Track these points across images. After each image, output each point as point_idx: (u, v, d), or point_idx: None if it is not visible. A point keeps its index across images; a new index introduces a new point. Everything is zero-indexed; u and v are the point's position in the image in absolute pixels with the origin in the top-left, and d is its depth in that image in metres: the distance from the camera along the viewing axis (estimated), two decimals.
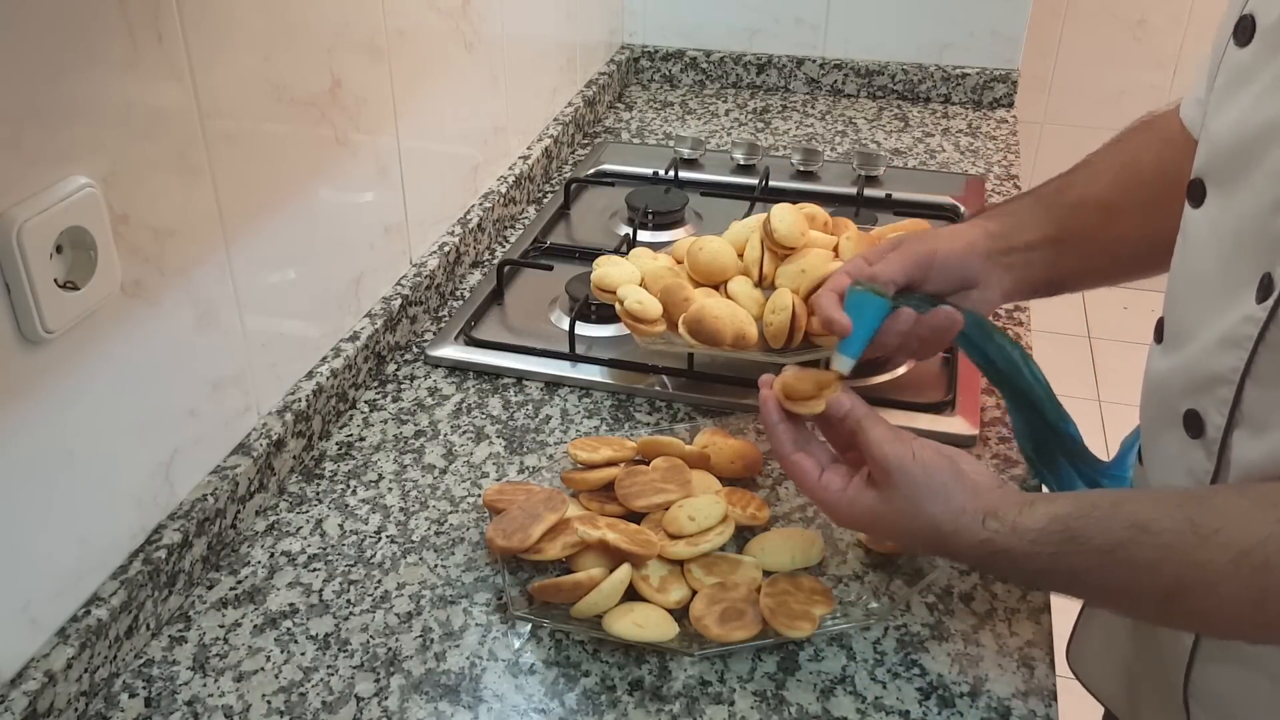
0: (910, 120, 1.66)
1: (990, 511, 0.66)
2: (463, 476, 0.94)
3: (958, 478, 0.69)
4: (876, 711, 0.73)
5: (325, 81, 0.94)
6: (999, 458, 0.96)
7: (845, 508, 0.73)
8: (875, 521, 0.72)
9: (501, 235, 1.33)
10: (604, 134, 1.63)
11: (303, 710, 0.73)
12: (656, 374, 1.05)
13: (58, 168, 0.66)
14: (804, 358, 0.97)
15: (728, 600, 0.77)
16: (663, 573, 0.80)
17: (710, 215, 1.34)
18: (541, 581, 0.78)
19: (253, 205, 0.87)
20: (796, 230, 1.00)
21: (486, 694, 0.74)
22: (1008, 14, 1.66)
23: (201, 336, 0.83)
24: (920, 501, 0.69)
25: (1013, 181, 1.47)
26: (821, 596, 0.78)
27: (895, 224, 1.08)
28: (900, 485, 0.69)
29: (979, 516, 0.67)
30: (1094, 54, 2.87)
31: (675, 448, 0.89)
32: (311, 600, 0.82)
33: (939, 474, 0.69)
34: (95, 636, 0.73)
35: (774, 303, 0.97)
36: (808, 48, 1.75)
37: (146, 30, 0.72)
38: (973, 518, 0.67)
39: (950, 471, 0.69)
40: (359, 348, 1.03)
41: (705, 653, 0.76)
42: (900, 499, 0.69)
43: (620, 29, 1.79)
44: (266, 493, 0.91)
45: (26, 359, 0.66)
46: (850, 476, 0.73)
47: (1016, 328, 1.14)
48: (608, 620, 0.75)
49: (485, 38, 1.25)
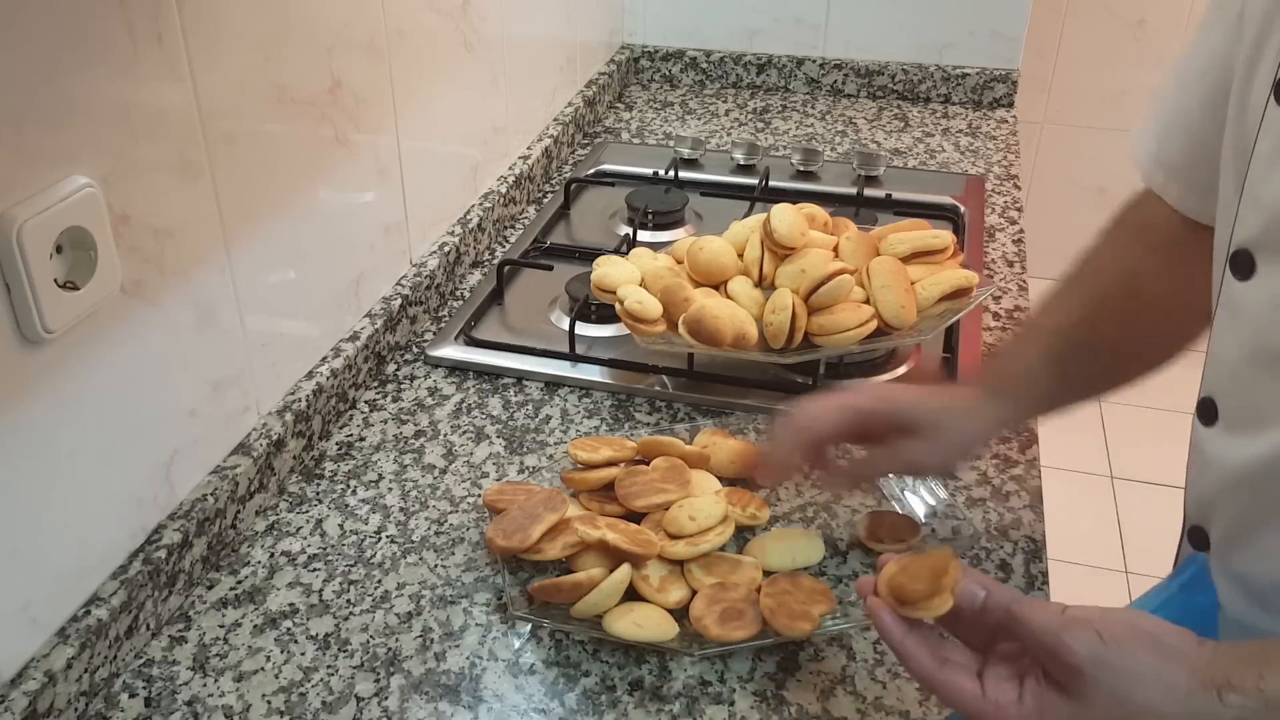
0: (910, 120, 1.66)
1: (1223, 684, 0.55)
2: (463, 476, 0.94)
3: (1160, 651, 0.57)
4: (876, 711, 0.73)
5: (325, 81, 0.94)
6: (999, 458, 0.96)
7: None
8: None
9: (501, 235, 1.33)
10: (604, 134, 1.63)
11: (303, 710, 0.73)
12: (656, 374, 1.05)
13: (58, 168, 0.66)
14: (804, 358, 0.98)
15: (728, 600, 0.77)
16: (663, 573, 0.80)
17: (710, 215, 1.34)
18: (541, 581, 0.78)
19: (253, 205, 0.87)
20: (796, 230, 1.00)
21: (486, 694, 0.74)
22: (1008, 14, 1.66)
23: (201, 336, 0.83)
24: (1130, 694, 0.56)
25: (1012, 181, 1.47)
26: (822, 596, 0.78)
27: (895, 224, 1.08)
28: (1097, 679, 0.57)
29: (1212, 693, 0.55)
30: (1094, 54, 2.87)
31: (675, 448, 0.89)
32: (311, 600, 0.82)
33: (1140, 653, 0.57)
34: (95, 636, 0.73)
35: (774, 303, 0.97)
36: (808, 48, 1.75)
37: (146, 30, 0.72)
38: (1205, 698, 0.55)
39: (1151, 646, 0.57)
40: (359, 348, 1.03)
41: (705, 653, 0.76)
42: (1103, 698, 0.57)
43: (620, 29, 1.79)
44: (266, 493, 0.91)
45: (26, 359, 0.66)
46: (1018, 680, 0.60)
47: (1016, 328, 1.14)
48: (608, 620, 0.75)
49: (485, 38, 1.25)
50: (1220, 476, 0.70)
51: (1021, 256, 1.28)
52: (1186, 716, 0.56)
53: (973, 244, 1.29)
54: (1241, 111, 0.66)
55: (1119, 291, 0.81)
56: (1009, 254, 1.29)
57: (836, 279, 0.96)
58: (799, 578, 0.80)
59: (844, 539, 0.87)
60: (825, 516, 0.89)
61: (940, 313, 1.00)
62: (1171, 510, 0.80)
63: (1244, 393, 0.67)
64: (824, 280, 0.96)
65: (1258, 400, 0.66)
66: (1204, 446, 0.71)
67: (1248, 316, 0.66)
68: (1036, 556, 0.86)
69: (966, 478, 0.94)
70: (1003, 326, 1.14)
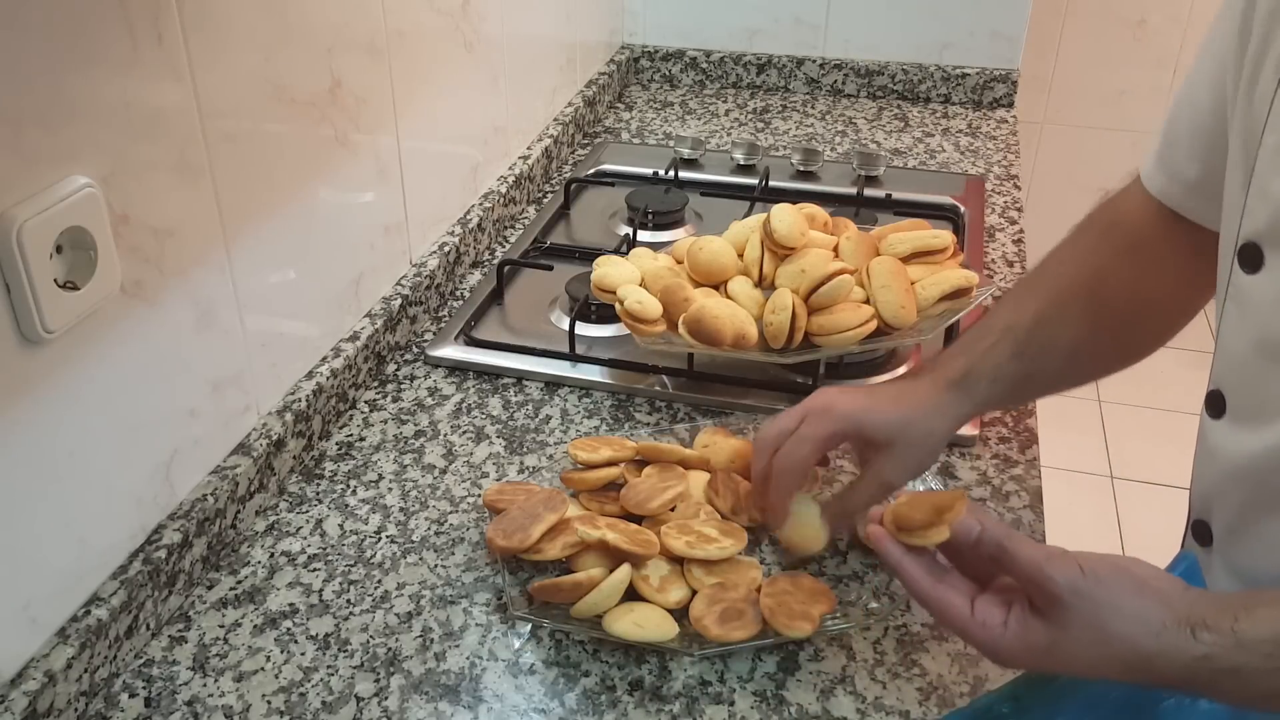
0: (910, 120, 1.66)
1: (1198, 622, 0.57)
2: (463, 476, 0.94)
3: (1140, 590, 0.60)
4: (876, 711, 0.73)
5: (325, 81, 0.94)
6: (999, 458, 0.96)
7: (1011, 644, 0.62)
8: (1052, 654, 0.61)
9: (501, 235, 1.33)
10: (604, 134, 1.63)
11: (303, 710, 0.73)
12: (657, 374, 1.05)
13: (58, 168, 0.66)
14: (804, 358, 0.98)
15: (727, 600, 0.77)
16: (663, 572, 0.80)
17: (710, 215, 1.34)
18: (541, 581, 0.78)
19: (253, 205, 0.87)
20: (796, 230, 1.00)
21: (486, 694, 0.74)
22: (1008, 14, 1.66)
23: (201, 336, 0.83)
24: (1106, 624, 0.59)
25: (1013, 181, 1.47)
26: (822, 597, 0.78)
27: (895, 224, 1.08)
28: (1077, 608, 0.59)
29: (1185, 630, 0.57)
30: (1094, 54, 2.87)
31: (674, 454, 0.90)
32: (311, 600, 0.82)
33: (1119, 589, 0.60)
34: (95, 636, 0.73)
35: (774, 303, 0.97)
36: (808, 48, 1.75)
37: (146, 30, 0.72)
38: (1178, 633, 0.57)
39: (1132, 584, 0.60)
40: (359, 348, 1.03)
41: (705, 652, 0.76)
42: (1080, 627, 0.60)
43: (620, 29, 1.79)
44: (266, 493, 0.91)
45: (26, 359, 0.66)
46: (1007, 606, 0.63)
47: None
48: (608, 620, 0.75)
49: (485, 38, 1.25)
50: (1225, 469, 0.70)
51: (1021, 256, 1.28)
52: (1158, 649, 0.58)
53: (973, 244, 1.29)
54: (1248, 105, 0.66)
55: (1081, 291, 0.81)
56: (1009, 254, 1.29)
57: (836, 279, 0.96)
58: (799, 578, 0.80)
59: (843, 539, 0.87)
60: None
61: (940, 313, 0.99)
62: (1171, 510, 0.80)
63: (1252, 385, 0.67)
64: (824, 280, 0.96)
65: (1265, 392, 0.66)
66: (1210, 439, 0.71)
67: (1255, 309, 0.66)
68: None
69: (966, 477, 0.94)
70: None
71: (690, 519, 0.84)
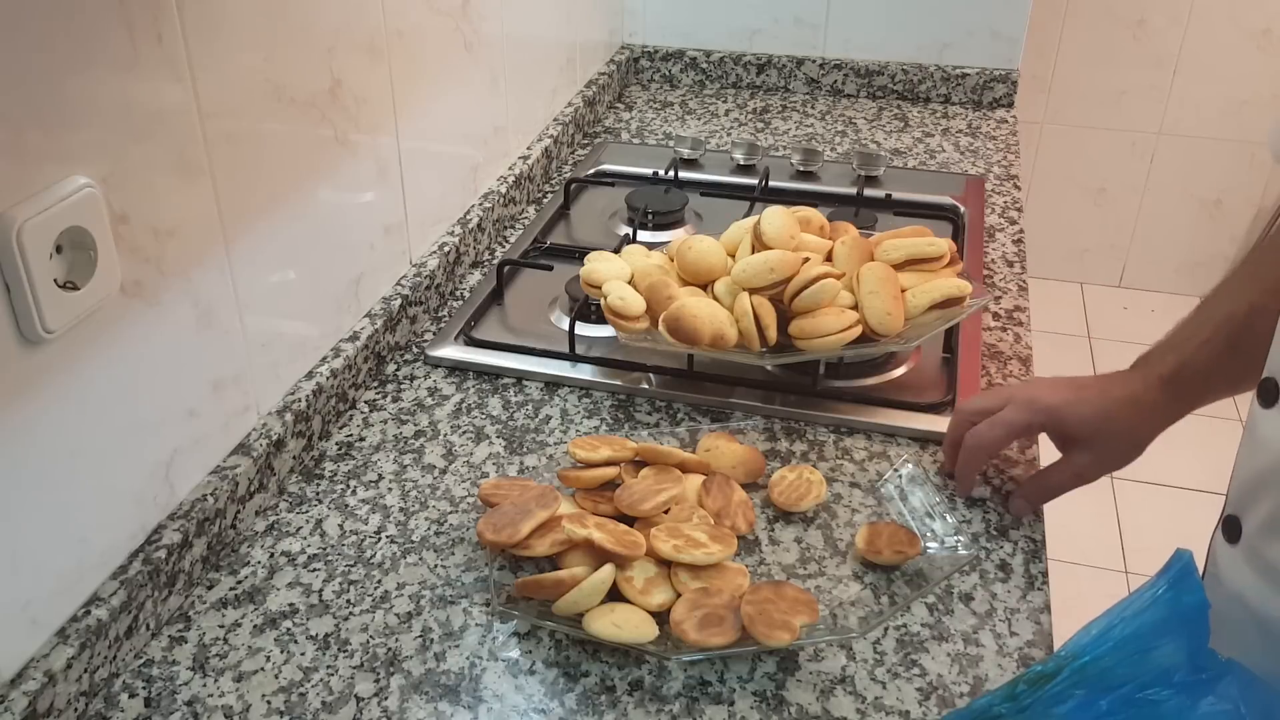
0: (910, 120, 1.66)
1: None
2: (462, 476, 0.94)
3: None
4: (876, 711, 0.73)
5: (325, 81, 0.94)
6: (998, 458, 0.96)
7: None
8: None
9: (501, 235, 1.33)
10: (604, 134, 1.63)
11: (303, 710, 0.73)
12: (644, 373, 1.04)
13: (58, 168, 0.66)
14: (787, 360, 0.97)
15: (709, 606, 0.76)
16: (649, 574, 0.79)
17: (710, 215, 1.34)
18: (525, 578, 0.78)
19: (253, 205, 0.87)
20: (785, 233, 1.00)
21: (486, 694, 0.74)
22: (1008, 14, 1.66)
23: (201, 336, 0.83)
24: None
25: (1012, 181, 1.47)
26: (805, 607, 0.76)
27: (896, 229, 1.08)
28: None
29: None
30: (1094, 54, 2.87)
31: (673, 456, 0.89)
32: (311, 600, 0.82)
33: None
34: (95, 636, 0.73)
35: (736, 308, 0.96)
36: (807, 48, 1.75)
37: (146, 30, 0.72)
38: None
39: None
40: (359, 348, 1.03)
41: (680, 658, 0.75)
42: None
43: (620, 29, 1.79)
44: (266, 493, 0.91)
45: (26, 359, 0.66)
46: None
47: (1016, 328, 1.14)
48: (587, 619, 0.74)
49: (485, 38, 1.25)
50: (1271, 459, 0.69)
51: (1021, 256, 1.28)
52: None
53: (972, 244, 1.29)
54: None
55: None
56: (1009, 254, 1.29)
57: (819, 283, 0.95)
58: (783, 586, 0.78)
59: (843, 539, 0.87)
60: (825, 516, 0.89)
61: (929, 321, 0.99)
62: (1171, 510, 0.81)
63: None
64: (790, 277, 0.95)
65: None
66: (1259, 429, 0.71)
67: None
68: (1036, 556, 0.86)
69: None
70: (1003, 327, 1.14)
71: (682, 523, 0.83)
